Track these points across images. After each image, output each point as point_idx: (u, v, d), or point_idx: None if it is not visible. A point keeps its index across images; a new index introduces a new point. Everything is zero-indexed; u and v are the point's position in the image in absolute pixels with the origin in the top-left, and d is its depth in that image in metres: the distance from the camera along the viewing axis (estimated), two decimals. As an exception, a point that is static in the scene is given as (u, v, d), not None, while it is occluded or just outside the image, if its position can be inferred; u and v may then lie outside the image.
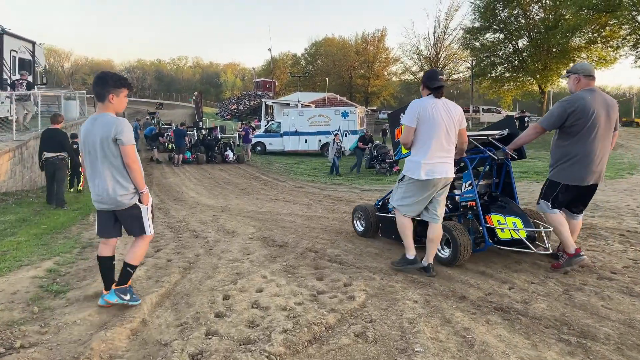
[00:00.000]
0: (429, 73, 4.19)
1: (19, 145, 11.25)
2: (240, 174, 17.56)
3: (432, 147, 3.97)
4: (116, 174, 3.21)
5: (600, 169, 4.14)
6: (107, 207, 3.28)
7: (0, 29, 14.78)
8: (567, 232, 4.21)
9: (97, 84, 3.28)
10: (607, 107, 4.10)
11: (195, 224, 6.70)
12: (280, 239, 5.46)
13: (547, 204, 4.28)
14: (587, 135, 4.04)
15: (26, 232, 5.81)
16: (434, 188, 4.05)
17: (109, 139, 3.15)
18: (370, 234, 5.55)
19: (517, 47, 42.05)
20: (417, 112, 3.99)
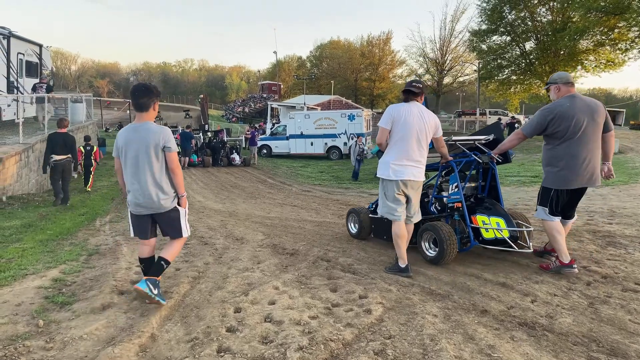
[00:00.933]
0: (408, 82, 4.51)
1: (25, 149, 11.19)
2: (246, 177, 17.46)
3: (401, 149, 4.22)
4: (160, 179, 3.42)
5: (589, 171, 4.20)
6: (146, 211, 3.47)
7: (7, 32, 14.77)
8: (563, 240, 4.30)
9: (144, 94, 3.46)
10: (590, 111, 4.19)
11: (203, 229, 6.57)
12: (290, 247, 5.33)
13: (544, 210, 4.38)
14: (572, 139, 4.16)
15: (32, 238, 5.70)
16: (404, 188, 4.26)
17: (158, 147, 3.39)
18: (364, 235, 5.75)
19: (524, 49, 41.77)
20: (392, 115, 4.28)
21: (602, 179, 4.36)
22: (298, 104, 36.90)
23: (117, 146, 3.50)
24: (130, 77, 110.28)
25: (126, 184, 3.51)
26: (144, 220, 3.52)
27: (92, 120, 22.36)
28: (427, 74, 61.08)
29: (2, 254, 4.84)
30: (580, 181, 4.21)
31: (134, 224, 3.56)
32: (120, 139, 3.47)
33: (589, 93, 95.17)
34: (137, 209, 3.47)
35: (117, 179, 3.73)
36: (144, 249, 3.63)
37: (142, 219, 3.52)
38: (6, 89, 14.71)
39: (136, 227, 3.57)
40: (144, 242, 3.62)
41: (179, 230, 3.60)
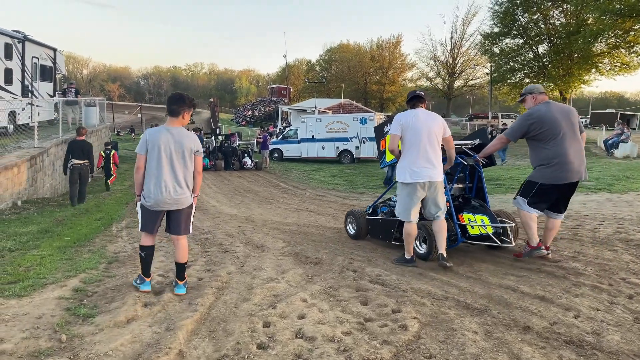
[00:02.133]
0: (410, 92, 4.87)
1: (40, 153, 11.18)
2: (259, 182, 17.35)
3: (415, 153, 4.50)
4: (188, 177, 3.79)
5: (578, 167, 4.54)
6: (168, 207, 3.75)
7: (22, 36, 14.83)
8: (534, 227, 4.70)
9: (175, 102, 3.81)
10: (565, 114, 4.62)
11: (221, 236, 6.44)
12: (313, 255, 5.17)
13: (523, 200, 4.75)
14: (556, 139, 4.52)
15: (49, 245, 5.61)
16: (422, 190, 4.54)
17: (192, 150, 3.79)
18: (361, 236, 6.13)
19: (537, 52, 41.34)
20: (400, 122, 4.59)
21: None
22: (309, 107, 36.85)
23: (148, 144, 3.70)
24: (141, 81, 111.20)
25: (149, 181, 3.70)
26: (157, 216, 3.80)
27: (105, 124, 22.42)
28: (437, 77, 60.81)
29: (21, 262, 4.74)
30: (570, 177, 4.54)
31: (147, 219, 3.80)
32: (151, 138, 3.70)
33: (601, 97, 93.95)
34: (159, 205, 3.71)
35: (135, 177, 3.81)
36: (148, 240, 3.90)
37: (157, 214, 3.79)
38: (21, 92, 14.75)
39: (148, 222, 3.81)
40: (149, 235, 3.89)
41: (188, 227, 3.94)
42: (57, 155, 12.91)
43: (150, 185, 3.69)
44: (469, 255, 5.11)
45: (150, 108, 66.95)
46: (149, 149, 3.71)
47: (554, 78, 38.56)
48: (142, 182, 3.76)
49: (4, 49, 13.46)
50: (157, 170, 3.67)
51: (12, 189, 9.26)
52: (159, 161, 3.67)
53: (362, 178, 17.02)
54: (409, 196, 4.57)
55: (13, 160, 9.56)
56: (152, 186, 3.68)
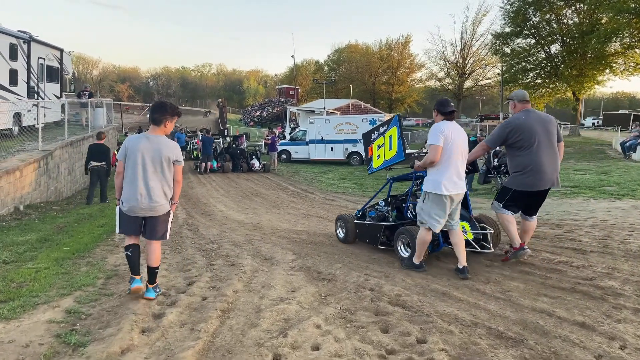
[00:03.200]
0: (441, 101, 4.79)
1: (44, 156, 10.94)
2: (267, 184, 17.03)
3: (451, 166, 4.54)
4: (165, 186, 3.78)
5: (551, 176, 4.76)
6: (144, 213, 3.76)
7: (28, 36, 14.63)
8: (514, 229, 4.95)
9: (157, 110, 3.83)
10: (543, 123, 4.80)
11: (227, 246, 6.11)
12: (325, 270, 4.82)
13: (499, 204, 5.04)
14: (532, 147, 4.71)
15: (46, 257, 5.31)
16: (453, 202, 4.61)
17: (170, 160, 3.77)
18: (350, 239, 6.32)
19: (549, 52, 40.65)
20: (443, 132, 4.53)
21: None
22: (317, 108, 36.49)
23: (126, 151, 3.76)
24: (150, 82, 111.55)
25: (125, 187, 3.77)
26: (134, 220, 3.82)
27: (113, 125, 22.24)
28: (447, 78, 60.19)
29: (14, 277, 4.44)
30: (541, 185, 4.79)
31: (125, 222, 3.86)
32: (130, 145, 3.75)
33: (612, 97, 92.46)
34: (134, 211, 3.75)
35: (115, 182, 3.93)
36: (130, 240, 3.96)
37: (134, 219, 3.82)
38: (26, 94, 14.55)
39: (125, 226, 3.87)
40: (130, 237, 3.95)
41: (164, 233, 3.93)
42: (62, 158, 12.69)
43: (126, 191, 3.76)
44: (495, 271, 4.74)
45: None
46: (127, 155, 3.77)
47: (567, 78, 37.88)
48: (122, 186, 3.85)
49: (9, 50, 13.26)
50: (132, 177, 3.72)
51: (14, 193, 9.02)
52: (134, 168, 3.72)
53: (372, 181, 16.62)
54: (444, 206, 4.58)
55: (15, 163, 9.31)
56: (127, 192, 3.75)
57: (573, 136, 36.89)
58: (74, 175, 13.87)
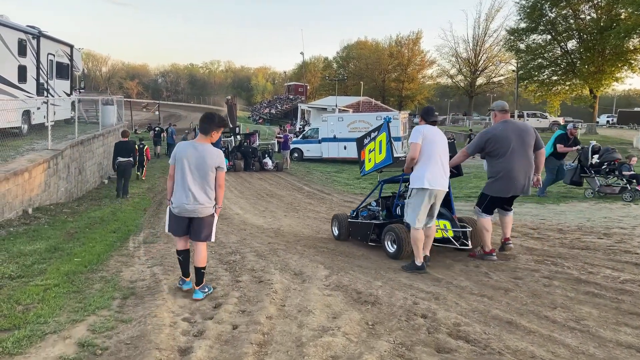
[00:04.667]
0: (426, 110, 5.26)
1: (54, 156, 10.52)
2: (281, 184, 16.56)
3: (431, 162, 4.89)
4: (208, 190, 4.08)
5: (521, 182, 5.15)
6: (190, 214, 4.08)
7: (37, 32, 14.22)
8: (489, 235, 5.42)
9: (206, 121, 4.14)
10: (519, 132, 5.17)
11: (251, 257, 5.61)
12: (365, 289, 4.30)
13: (479, 210, 5.47)
14: (505, 156, 5.09)
15: (56, 270, 4.84)
16: (434, 197, 4.94)
17: (214, 166, 4.07)
18: (343, 237, 6.81)
19: (566, 49, 39.71)
20: (422, 132, 4.97)
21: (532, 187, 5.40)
22: (329, 105, 35.89)
23: (176, 156, 4.09)
24: (159, 79, 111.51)
25: (175, 190, 4.10)
26: (182, 221, 4.12)
27: (123, 122, 21.84)
28: (459, 75, 59.33)
29: (20, 297, 3.97)
30: (512, 191, 5.23)
31: (173, 222, 4.17)
32: (179, 152, 4.09)
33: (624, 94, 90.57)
34: (182, 212, 4.06)
35: (167, 184, 4.27)
36: (180, 243, 4.27)
37: (182, 220, 4.12)
38: (36, 91, 14.16)
39: (174, 225, 4.17)
40: (180, 239, 4.24)
41: (209, 235, 4.19)
42: (73, 157, 12.28)
43: (176, 193, 4.09)
44: (558, 292, 4.19)
45: (167, 106, 66.84)
46: (176, 161, 4.09)
47: (584, 75, 36.96)
48: (172, 189, 4.16)
49: (18, 45, 12.86)
50: (181, 181, 4.05)
51: (22, 196, 8.60)
52: (183, 173, 4.04)
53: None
54: (425, 201, 4.91)
55: (24, 164, 8.89)
56: (177, 194, 4.08)
57: (590, 135, 36.00)
58: (84, 175, 13.47)
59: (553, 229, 7.41)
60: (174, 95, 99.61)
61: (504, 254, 5.59)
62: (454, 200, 6.44)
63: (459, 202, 10.18)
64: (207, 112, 4.37)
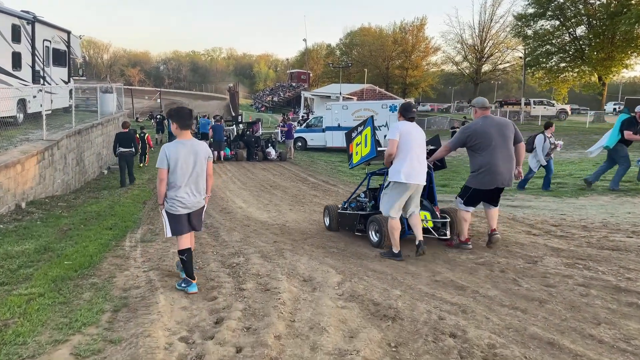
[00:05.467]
0: (405, 106, 5.51)
1: (49, 146, 10.09)
2: (285, 175, 16.11)
3: (409, 158, 5.11)
4: (202, 182, 4.27)
5: (505, 176, 5.31)
6: (192, 209, 4.21)
7: (32, 17, 13.68)
8: (466, 225, 5.64)
9: (186, 116, 4.28)
10: (499, 127, 5.34)
11: (256, 260, 5.19)
12: (383, 300, 3.88)
13: (460, 201, 5.64)
14: (487, 150, 5.27)
15: (44, 276, 4.43)
16: (410, 190, 5.18)
17: (205, 157, 4.25)
18: (334, 227, 7.03)
19: (574, 35, 38.83)
20: (399, 129, 5.19)
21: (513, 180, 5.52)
22: (333, 93, 35.29)
23: (169, 159, 4.09)
24: (161, 66, 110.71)
25: (177, 190, 4.13)
26: (183, 219, 4.20)
27: (123, 111, 21.36)
28: (465, 61, 58.35)
29: (0, 310, 3.56)
30: (496, 183, 5.36)
31: (176, 223, 4.18)
32: (173, 153, 4.10)
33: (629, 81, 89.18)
34: (185, 210, 4.17)
35: (159, 188, 4.19)
36: (185, 241, 4.24)
37: (182, 217, 4.19)
38: (31, 78, 13.67)
39: (175, 226, 4.18)
40: (184, 235, 4.24)
41: (202, 222, 4.47)
42: (70, 148, 11.86)
43: (179, 193, 4.12)
44: (597, 304, 3.75)
45: (169, 93, 66.19)
46: (170, 163, 4.09)
47: (593, 62, 36.14)
48: (165, 192, 4.17)
49: (11, 31, 12.33)
50: (182, 178, 4.12)
51: (14, 189, 8.18)
52: (183, 171, 4.11)
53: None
54: (401, 194, 5.20)
55: (16, 156, 8.46)
56: (179, 192, 4.12)
57: (598, 123, 35.35)
58: (82, 165, 13.06)
59: (576, 225, 6.95)
60: (175, 83, 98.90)
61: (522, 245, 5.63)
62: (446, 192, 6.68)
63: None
64: (177, 108, 4.38)
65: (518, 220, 7.54)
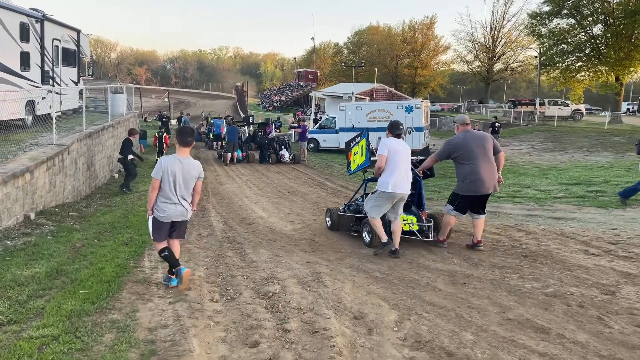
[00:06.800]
0: (393, 124, 6.16)
1: (59, 152, 9.55)
2: (301, 179, 15.53)
3: (396, 171, 5.83)
4: (188, 197, 4.74)
5: (489, 184, 5.92)
6: (176, 219, 4.69)
7: (41, 15, 13.16)
8: (449, 228, 6.31)
9: (187, 135, 4.74)
10: (479, 140, 6.05)
11: (294, 288, 4.60)
12: (456, 348, 3.28)
13: (451, 208, 6.20)
14: (470, 161, 5.93)
15: (57, 310, 3.86)
16: (395, 199, 5.90)
17: (195, 177, 4.75)
18: (335, 227, 7.62)
19: (591, 34, 37.91)
20: (387, 145, 5.92)
21: None
22: (345, 93, 34.64)
23: (163, 171, 4.52)
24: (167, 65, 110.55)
25: (164, 200, 4.57)
26: (166, 226, 4.66)
27: (133, 112, 20.85)
28: (476, 61, 57.46)
29: (6, 361, 3.00)
30: (482, 190, 5.92)
31: (159, 230, 4.65)
32: (168, 167, 4.53)
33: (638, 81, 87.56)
34: (169, 219, 4.62)
35: (150, 195, 4.60)
36: (162, 244, 4.70)
37: (166, 225, 4.65)
38: (40, 79, 13.17)
39: (158, 232, 4.66)
40: (162, 242, 4.70)
41: (185, 231, 4.97)
42: (80, 152, 11.32)
43: (165, 202, 4.56)
44: None
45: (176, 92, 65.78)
46: (163, 174, 4.52)
47: (613, 61, 35.20)
48: (155, 200, 4.58)
49: (19, 30, 11.80)
50: (170, 191, 4.54)
51: (23, 199, 7.65)
52: (172, 184, 4.53)
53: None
54: (387, 201, 5.89)
55: (25, 164, 7.93)
56: (164, 203, 4.57)
57: (615, 124, 34.45)
58: (92, 170, 12.53)
59: (636, 243, 6.33)
60: (182, 82, 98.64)
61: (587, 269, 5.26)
62: None
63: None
64: (181, 127, 5.05)
65: (568, 236, 6.91)
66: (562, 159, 19.57)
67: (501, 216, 8.77)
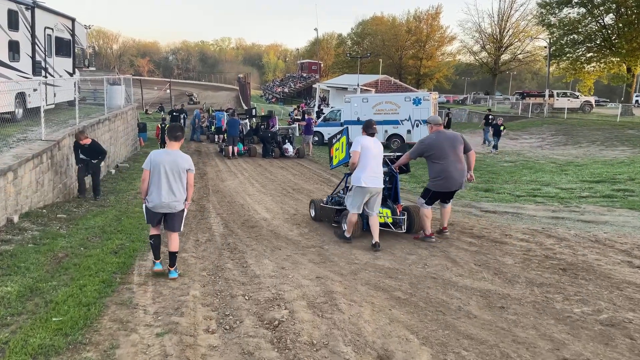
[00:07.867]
0: (367, 123, 6.66)
1: (47, 148, 8.88)
2: (305, 174, 14.86)
3: (368, 167, 6.23)
4: (181, 189, 4.91)
5: (458, 180, 6.42)
6: (165, 210, 4.89)
7: (31, 2, 12.43)
8: (429, 221, 6.62)
9: (176, 130, 5.03)
10: (450, 141, 6.49)
11: (303, 314, 3.94)
12: (509, 403, 2.61)
13: (422, 201, 6.69)
14: (441, 159, 6.37)
15: (21, 348, 3.20)
16: (369, 194, 6.30)
17: (185, 168, 4.91)
18: (318, 218, 8.02)
19: (602, 23, 36.87)
20: (360, 142, 6.32)
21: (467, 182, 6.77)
22: (350, 85, 33.81)
23: (152, 163, 4.84)
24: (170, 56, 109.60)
25: (151, 191, 4.85)
26: (157, 215, 4.95)
27: (132, 105, 20.15)
28: (483, 51, 56.39)
29: None
30: (451, 187, 6.50)
31: (151, 217, 4.97)
32: (156, 158, 4.85)
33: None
34: (158, 209, 4.88)
35: (141, 186, 4.99)
36: (154, 230, 5.07)
37: (156, 214, 4.93)
38: (31, 70, 12.48)
39: (152, 219, 4.98)
40: (154, 228, 5.06)
41: (179, 226, 5.05)
42: (72, 148, 10.65)
43: (152, 193, 4.85)
44: None
45: (178, 84, 64.98)
46: (152, 166, 4.83)
47: (623, 52, 34.21)
48: (147, 190, 4.90)
49: (7, 17, 11.10)
50: (157, 183, 4.81)
51: (5, 201, 7.00)
52: (159, 176, 4.80)
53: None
54: (361, 196, 6.30)
55: (7, 162, 7.27)
56: (153, 194, 4.84)
57: (628, 116, 33.55)
58: (86, 166, 11.86)
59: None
60: (184, 73, 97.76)
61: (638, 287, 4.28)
62: None
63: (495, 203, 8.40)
64: (171, 125, 5.25)
65: (605, 244, 6.23)
66: (577, 154, 18.80)
67: (524, 219, 8.09)
